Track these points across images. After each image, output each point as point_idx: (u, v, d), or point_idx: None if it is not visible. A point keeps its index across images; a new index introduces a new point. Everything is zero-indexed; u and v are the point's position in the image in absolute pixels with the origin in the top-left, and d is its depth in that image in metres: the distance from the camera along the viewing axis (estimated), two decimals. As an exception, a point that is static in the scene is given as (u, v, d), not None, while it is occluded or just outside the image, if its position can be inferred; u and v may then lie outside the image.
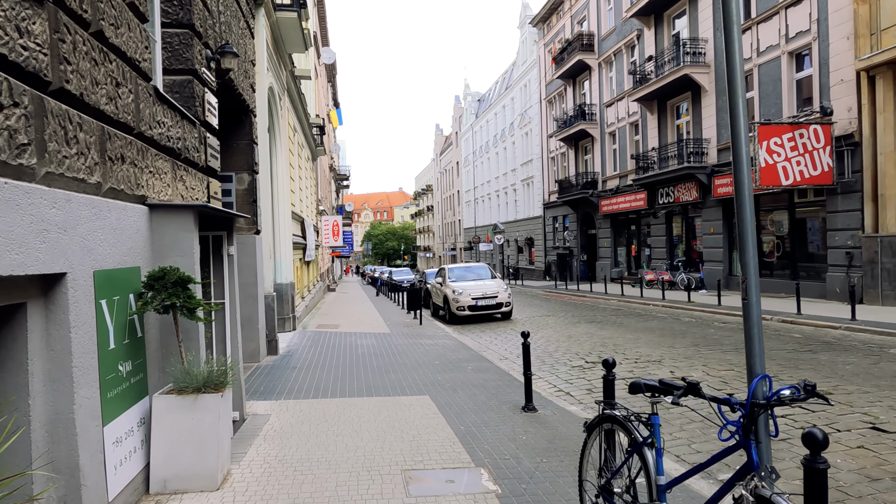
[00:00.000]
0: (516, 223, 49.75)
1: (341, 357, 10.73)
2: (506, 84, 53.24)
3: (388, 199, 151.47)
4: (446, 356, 10.78)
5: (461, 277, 18.74)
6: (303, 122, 21.06)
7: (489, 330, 15.58)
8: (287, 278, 14.26)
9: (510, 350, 11.99)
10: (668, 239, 27.60)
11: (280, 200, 14.06)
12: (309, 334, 13.86)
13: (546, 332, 14.41)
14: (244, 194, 9.93)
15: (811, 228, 19.12)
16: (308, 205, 23.60)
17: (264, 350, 10.46)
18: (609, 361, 4.60)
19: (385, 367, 9.73)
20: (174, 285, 4.10)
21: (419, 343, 12.55)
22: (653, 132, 27.90)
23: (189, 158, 5.85)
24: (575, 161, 37.33)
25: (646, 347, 11.25)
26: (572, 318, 17.22)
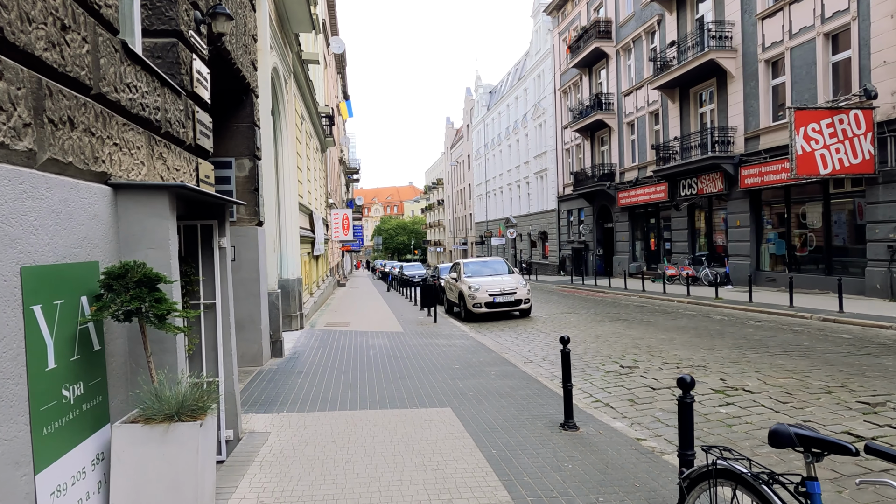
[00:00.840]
0: (529, 217, 48.72)
1: (352, 360, 9.84)
2: (518, 75, 52.14)
3: (399, 194, 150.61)
4: (466, 359, 9.87)
5: (477, 273, 17.81)
6: (311, 111, 20.17)
7: (508, 329, 14.65)
8: (294, 274, 13.40)
9: (534, 352, 11.06)
10: (690, 232, 26.53)
11: (286, 191, 13.19)
12: (317, 334, 12.99)
13: (570, 331, 13.46)
14: (245, 182, 9.04)
15: (847, 221, 18.03)
16: (317, 197, 22.75)
17: (268, 352, 9.59)
18: (686, 381, 3.65)
19: (400, 371, 8.83)
20: (138, 285, 3.21)
21: (435, 344, 11.65)
22: (674, 121, 26.79)
23: (172, 134, 4.95)
24: (591, 152, 36.26)
25: (683, 350, 10.28)
26: (595, 316, 16.25)
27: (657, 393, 7.35)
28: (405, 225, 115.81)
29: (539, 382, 7.96)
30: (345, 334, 13.00)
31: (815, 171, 16.27)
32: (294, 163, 14.26)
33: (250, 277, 9.02)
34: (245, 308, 9.03)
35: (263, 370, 8.88)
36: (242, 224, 9.03)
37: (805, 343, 10.41)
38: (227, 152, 8.98)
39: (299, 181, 16.12)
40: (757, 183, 21.02)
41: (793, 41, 19.27)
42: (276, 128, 12.84)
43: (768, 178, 20.34)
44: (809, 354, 9.33)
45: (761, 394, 6.98)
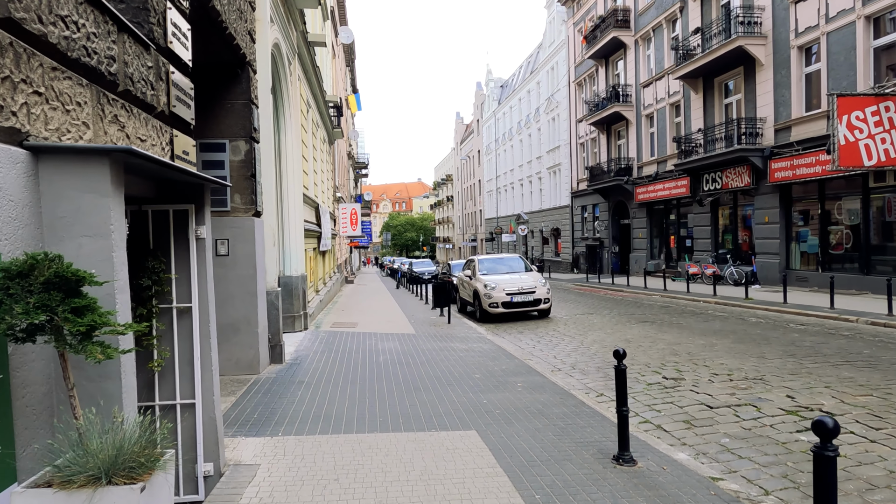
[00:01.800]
0: (541, 213, 47.59)
1: (359, 367, 8.82)
2: (531, 68, 50.97)
3: (407, 190, 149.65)
4: (486, 366, 8.83)
5: (493, 270, 16.76)
6: (318, 99, 19.16)
7: (528, 331, 13.60)
8: (297, 270, 12.40)
9: (560, 358, 10.01)
10: (714, 229, 25.36)
11: (289, 180, 12.18)
12: (322, 336, 11.99)
13: (596, 334, 12.40)
14: (240, 167, 8.03)
15: (889, 217, 16.85)
16: (324, 190, 21.76)
17: (266, 358, 8.58)
18: (828, 425, 2.58)
19: (414, 381, 7.80)
20: (47, 288, 2.20)
21: (451, 348, 10.62)
22: (697, 113, 25.61)
23: (134, 94, 3.93)
24: (607, 146, 35.10)
25: (729, 357, 9.20)
26: (620, 317, 15.18)
27: (716, 413, 6.28)
28: (414, 221, 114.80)
29: (574, 397, 6.91)
30: (352, 336, 11.99)
31: (859, 163, 15.12)
32: (299, 151, 13.26)
33: (246, 274, 8.02)
34: (240, 308, 8.03)
35: (260, 379, 7.87)
36: (237, 214, 8.02)
37: (865, 351, 9.31)
38: (221, 133, 7.97)
39: (304, 171, 15.12)
40: (788, 177, 19.86)
41: (829, 25, 18.08)
42: (279, 111, 11.83)
43: (801, 171, 19.17)
44: (877, 365, 8.24)
45: (843, 416, 5.90)
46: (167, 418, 4.25)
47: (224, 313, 7.98)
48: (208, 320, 4.45)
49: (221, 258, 7.97)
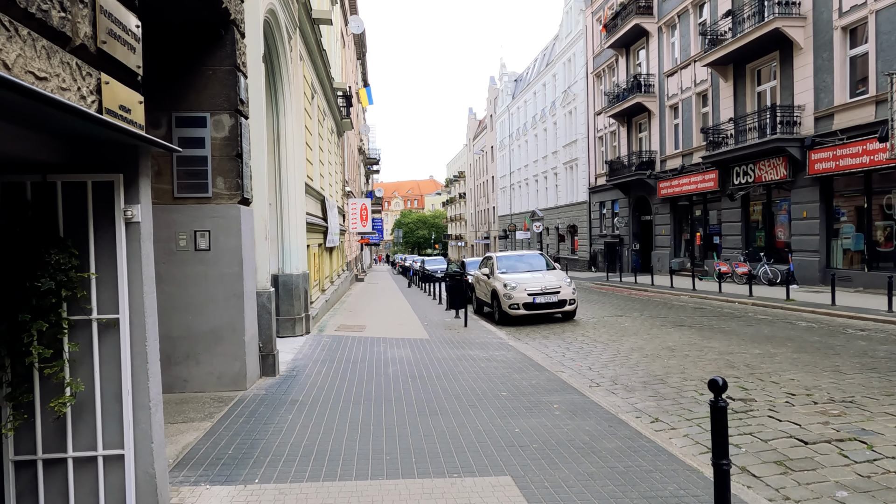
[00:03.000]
0: (557, 209, 46.17)
1: (365, 381, 7.56)
2: (546, 60, 49.53)
3: (419, 188, 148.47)
4: (513, 381, 7.54)
5: (513, 268, 15.45)
6: (325, 86, 17.93)
7: (553, 335, 12.29)
8: (298, 267, 11.17)
9: (596, 370, 8.70)
10: (745, 225, 23.88)
11: (290, 168, 10.95)
12: (325, 341, 10.74)
13: (632, 340, 11.07)
14: (223, 145, 6.78)
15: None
16: (331, 183, 20.53)
17: (255, 371, 7.34)
18: None
19: (429, 401, 6.53)
20: None
21: (470, 357, 9.33)
22: (726, 102, 24.15)
23: (26, 9, 2.68)
24: (627, 140, 33.64)
25: (798, 371, 7.86)
26: (653, 320, 13.83)
27: (814, 452, 4.95)
28: (425, 219, 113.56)
29: (626, 425, 5.61)
30: (359, 342, 10.73)
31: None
32: (301, 137, 12.03)
33: (230, 272, 6.78)
34: (223, 313, 6.79)
35: (246, 397, 6.62)
36: (220, 201, 6.77)
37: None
38: (200, 105, 6.72)
39: (308, 160, 13.88)
40: (829, 168, 18.40)
41: (879, 3, 16.59)
42: (278, 91, 10.59)
43: (845, 161, 17.71)
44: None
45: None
46: (84, 477, 3.02)
47: (204, 319, 6.75)
48: (145, 337, 3.19)
49: (201, 253, 6.73)
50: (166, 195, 6.69)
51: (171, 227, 6.68)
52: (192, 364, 6.77)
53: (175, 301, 6.70)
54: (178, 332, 6.72)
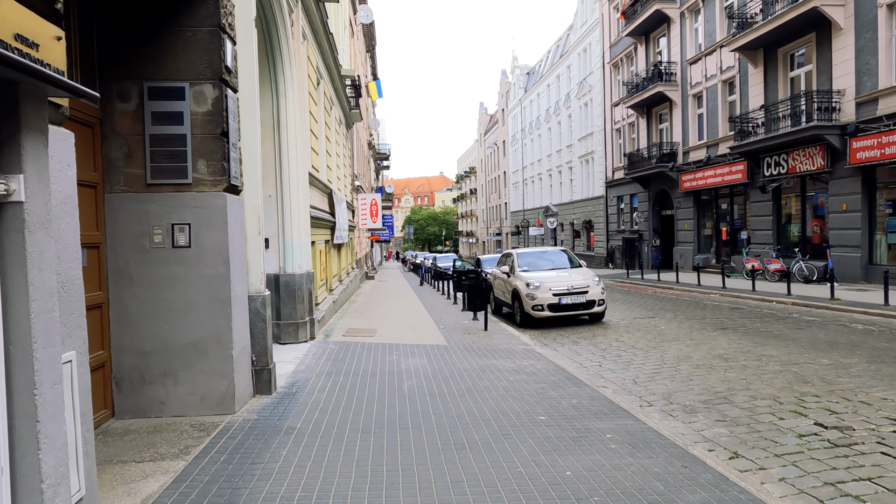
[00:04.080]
0: (572, 205, 44.89)
1: (376, 400, 6.43)
2: (560, 52, 48.19)
3: (429, 184, 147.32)
4: (550, 400, 6.40)
5: (534, 266, 14.28)
6: (332, 72, 16.81)
7: (584, 340, 11.13)
8: (301, 266, 10.06)
9: (644, 384, 7.54)
10: (776, 219, 22.57)
11: (291, 156, 9.84)
12: (332, 348, 9.62)
13: (675, 347, 9.88)
14: (206, 121, 5.67)
15: None
16: (339, 176, 19.43)
17: (246, 389, 6.23)
18: None
19: (454, 429, 5.39)
20: None
21: (495, 368, 8.19)
22: (756, 89, 22.83)
23: None
24: (647, 131, 32.33)
25: (886, 388, 6.66)
26: (690, 322, 12.63)
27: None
28: (436, 215, 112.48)
29: (699, 462, 4.46)
30: (369, 350, 9.61)
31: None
32: (305, 123, 10.92)
33: (215, 274, 5.67)
34: (206, 322, 5.68)
35: (233, 424, 5.51)
36: (201, 189, 5.66)
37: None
38: (178, 73, 5.61)
39: (314, 149, 12.78)
40: (873, 157, 17.10)
41: (931, -24, 15.28)
42: (277, 69, 9.47)
43: (891, 150, 16.41)
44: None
45: None
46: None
47: (183, 329, 5.65)
48: (34, 382, 2.06)
49: (180, 251, 5.62)
50: (137, 181, 5.59)
51: (144, 220, 5.59)
52: (169, 383, 5.67)
53: (148, 308, 5.61)
54: (153, 346, 5.63)
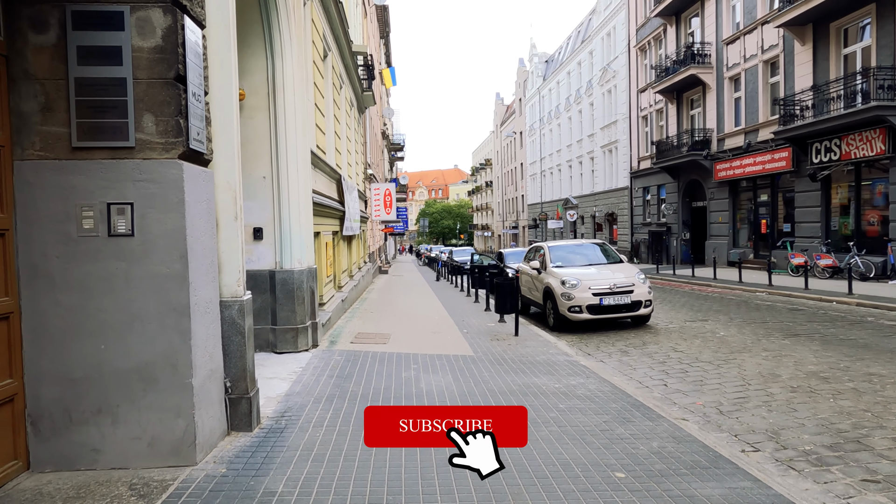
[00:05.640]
0: (594, 196, 43.08)
1: (389, 439, 4.83)
2: (581, 37, 46.26)
3: (443, 177, 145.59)
4: (619, 439, 4.81)
5: (568, 261, 12.62)
6: (342, 46, 15.20)
7: (632, 348, 9.49)
8: (302, 261, 8.49)
9: (729, 411, 5.91)
10: (825, 210, 20.71)
11: (289, 130, 8.25)
12: (336, 360, 8.04)
13: (749, 360, 8.20)
14: (152, 61, 4.07)
15: None
16: (351, 163, 17.86)
17: (215, 428, 4.65)
18: None
19: (500, 499, 3.78)
20: None
21: (538, 389, 6.58)
22: (804, 69, 20.94)
23: None
24: (677, 118, 30.46)
25: None
26: (751, 327, 10.94)
27: None
28: (450, 209, 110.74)
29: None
30: (381, 361, 8.02)
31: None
32: (309, 94, 9.33)
33: (167, 272, 4.09)
34: (155, 339, 4.12)
35: (190, 485, 3.93)
36: (148, 154, 4.08)
37: None
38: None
39: (319, 128, 11.20)
40: (946, 140, 15.26)
41: None
42: (271, 22, 7.88)
43: (969, 131, 14.56)
44: None
45: None
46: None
47: (124, 349, 4.09)
48: None
49: (119, 241, 4.06)
50: (59, 144, 4.02)
51: (69, 198, 4.02)
52: (105, 423, 4.12)
53: (76, 320, 4.05)
54: (83, 372, 4.07)
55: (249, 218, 8.21)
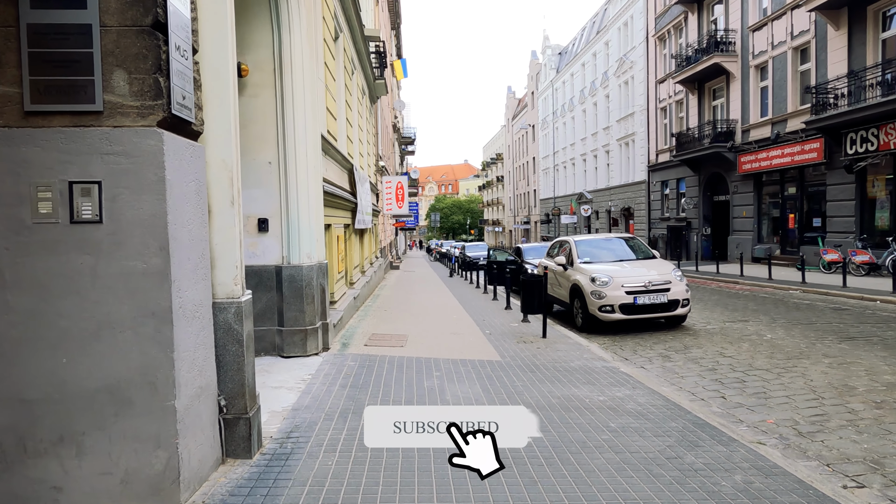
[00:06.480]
0: (609, 191, 42.06)
1: (417, 481, 4.00)
2: (597, 28, 45.18)
3: (454, 172, 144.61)
4: (691, 469, 4.00)
5: (597, 256, 11.75)
6: (354, 29, 14.37)
7: (673, 352, 8.64)
8: (311, 256, 7.69)
9: (807, 431, 5.08)
10: (859, 204, 19.70)
11: (297, 111, 7.44)
12: (350, 367, 7.22)
13: (814, 369, 7.32)
14: (123, 2, 3.24)
15: None
16: (363, 153, 17.05)
17: (207, 456, 3.85)
18: None
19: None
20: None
21: (579, 402, 5.75)
22: (837, 55, 19.91)
23: None
24: (698, 109, 29.43)
25: None
26: (798, 329, 10.04)
27: None
28: (461, 204, 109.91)
29: None
30: (399, 368, 7.20)
31: None
32: (319, 73, 8.52)
33: (143, 268, 3.27)
34: (128, 351, 3.31)
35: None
36: (120, 121, 3.25)
37: None
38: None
39: (330, 112, 10.38)
40: None
41: None
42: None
43: None
44: None
45: None
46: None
47: (92, 364, 3.29)
48: None
49: (84, 229, 3.25)
50: (9, 108, 3.22)
51: (20, 175, 3.22)
52: (68, 455, 3.32)
53: (31, 328, 3.26)
54: (40, 392, 3.28)
55: (254, 208, 7.43)
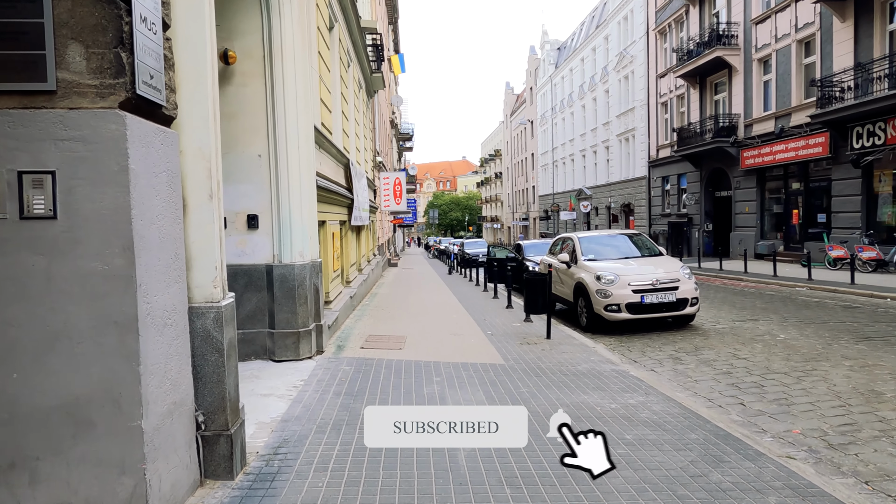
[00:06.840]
0: (609, 187, 41.68)
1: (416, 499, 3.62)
2: (596, 22, 44.74)
3: (451, 169, 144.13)
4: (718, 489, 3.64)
5: (601, 253, 11.36)
6: (349, 19, 13.95)
7: (684, 354, 8.25)
8: (304, 254, 7.29)
9: (838, 443, 4.71)
10: (865, 199, 19.33)
11: (289, 101, 7.04)
12: (344, 372, 6.82)
13: (835, 372, 6.93)
14: (82, -33, 2.80)
15: None
16: (360, 148, 16.64)
17: (182, 480, 3.45)
18: None
19: None
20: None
21: (590, 409, 5.37)
22: (843, 47, 19.53)
23: None
24: (700, 104, 29.04)
25: None
26: (812, 328, 9.67)
27: None
28: (459, 200, 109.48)
29: None
30: (398, 373, 6.81)
31: None
32: (313, 63, 8.11)
33: (103, 270, 2.85)
34: (88, 365, 2.89)
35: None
36: (77, 102, 2.82)
37: None
38: None
39: (324, 104, 9.97)
40: None
41: None
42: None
43: None
44: None
45: None
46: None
47: (46, 380, 2.89)
48: None
49: (36, 226, 2.85)
50: (-52, 87, 2.81)
51: (-38, 164, 2.82)
52: (19, 483, 2.93)
53: (-25, 338, 2.85)
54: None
55: (243, 203, 7.04)
